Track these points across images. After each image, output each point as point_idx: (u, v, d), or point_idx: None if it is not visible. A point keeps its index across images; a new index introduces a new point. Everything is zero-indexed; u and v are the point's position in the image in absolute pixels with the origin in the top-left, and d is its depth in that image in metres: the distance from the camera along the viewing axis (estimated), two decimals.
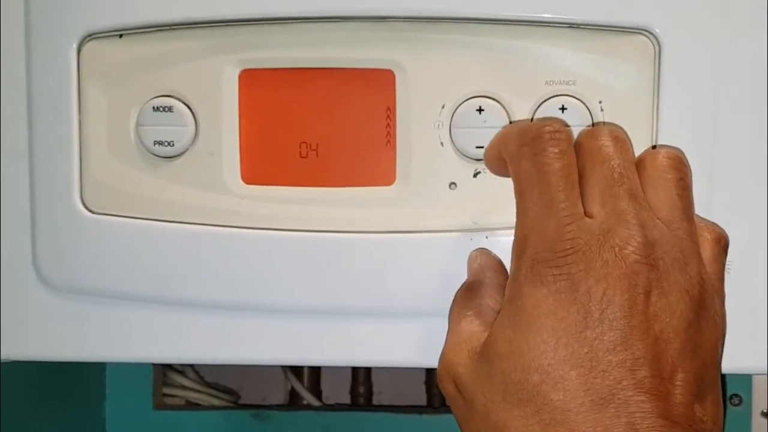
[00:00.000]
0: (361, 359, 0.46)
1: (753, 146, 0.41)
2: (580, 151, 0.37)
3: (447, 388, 0.37)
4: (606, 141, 0.37)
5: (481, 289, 0.39)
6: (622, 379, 0.33)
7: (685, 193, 0.37)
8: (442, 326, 0.40)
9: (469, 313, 0.38)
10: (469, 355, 0.37)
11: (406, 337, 0.44)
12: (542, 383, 0.33)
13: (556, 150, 0.36)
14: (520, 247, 0.36)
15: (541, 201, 0.35)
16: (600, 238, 0.35)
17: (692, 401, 0.33)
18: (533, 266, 0.35)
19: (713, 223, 0.39)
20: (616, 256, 0.34)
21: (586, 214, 0.36)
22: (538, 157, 0.36)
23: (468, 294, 0.39)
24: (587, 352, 0.33)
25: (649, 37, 0.40)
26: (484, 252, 0.41)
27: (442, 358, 0.38)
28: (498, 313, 0.37)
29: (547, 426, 0.33)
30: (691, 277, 0.35)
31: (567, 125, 0.40)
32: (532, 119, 0.41)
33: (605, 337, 0.33)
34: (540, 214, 0.35)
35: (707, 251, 0.37)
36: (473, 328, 0.37)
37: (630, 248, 0.34)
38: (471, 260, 0.41)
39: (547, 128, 0.36)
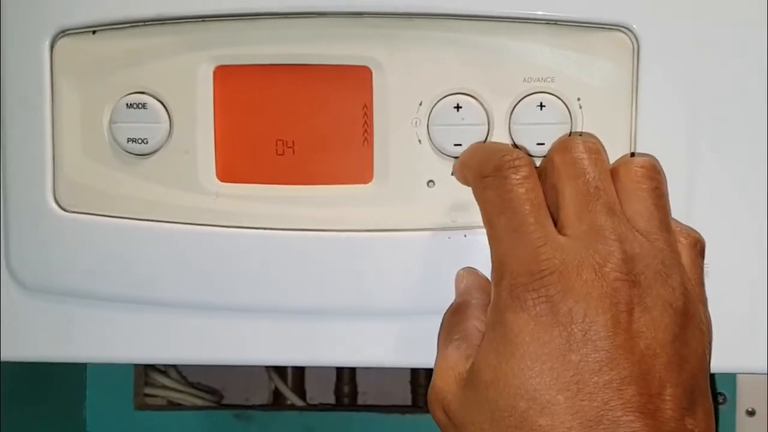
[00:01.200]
0: (343, 359, 0.46)
1: (732, 143, 0.41)
2: (553, 166, 0.37)
3: (437, 415, 0.37)
4: (580, 154, 0.36)
5: (468, 310, 0.39)
6: (609, 399, 0.32)
7: (661, 202, 0.37)
8: (422, 325, 0.40)
9: (456, 337, 0.38)
10: (456, 381, 0.36)
11: (387, 336, 0.43)
12: (529, 409, 0.33)
13: (518, 176, 0.36)
14: (498, 274, 0.36)
15: (510, 227, 0.35)
16: (577, 257, 0.34)
17: (683, 415, 0.33)
18: (512, 291, 0.34)
19: (687, 227, 0.38)
20: (596, 274, 0.34)
21: (563, 231, 0.35)
22: (501, 185, 0.36)
23: (455, 317, 0.39)
24: (573, 375, 0.33)
25: (627, 34, 0.40)
26: (470, 272, 0.40)
27: (432, 385, 0.38)
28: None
29: None
30: (674, 289, 0.35)
31: (528, 153, 0.39)
32: (510, 115, 0.41)
33: (590, 359, 0.33)
34: (512, 239, 0.35)
35: (685, 257, 0.37)
36: (460, 353, 0.37)
37: (610, 265, 0.34)
38: (458, 280, 0.41)
39: (506, 157, 0.36)
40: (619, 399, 0.32)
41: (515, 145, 0.41)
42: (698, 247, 0.37)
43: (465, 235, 0.41)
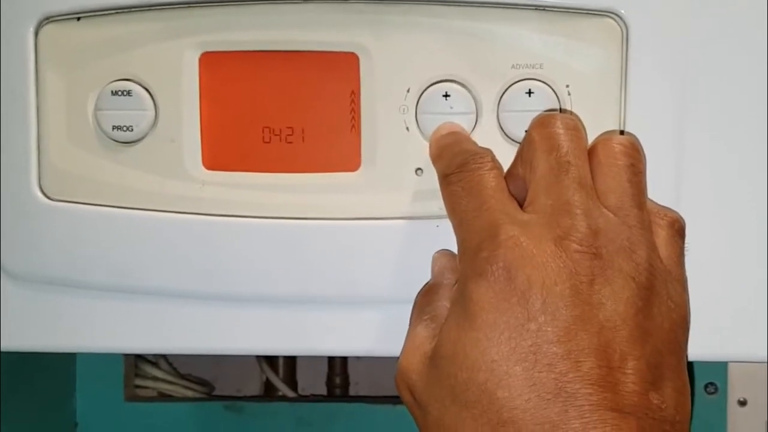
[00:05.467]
0: (333, 348, 0.45)
1: (721, 128, 0.41)
2: (530, 141, 0.37)
3: (404, 395, 0.37)
4: (557, 129, 0.36)
5: (439, 291, 0.38)
6: (567, 371, 0.32)
7: (635, 179, 0.36)
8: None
9: (426, 317, 0.38)
10: (421, 361, 0.36)
11: (377, 325, 0.43)
12: (487, 381, 0.33)
13: (482, 168, 0.36)
14: (461, 252, 0.36)
15: (472, 208, 0.36)
16: (539, 230, 0.34)
17: (647, 389, 0.33)
18: (472, 263, 0.34)
19: (667, 207, 0.38)
20: (556, 245, 0.34)
21: (529, 206, 0.36)
22: (465, 177, 0.36)
23: (426, 298, 0.39)
24: (531, 345, 0.32)
25: (615, 20, 0.40)
26: (444, 253, 0.40)
27: (398, 366, 0.37)
28: None
29: (496, 426, 0.32)
30: (638, 264, 0.34)
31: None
32: (499, 102, 0.41)
33: (548, 328, 0.32)
34: (473, 218, 0.35)
35: (660, 236, 0.36)
36: (428, 333, 0.37)
37: (572, 238, 0.34)
38: (433, 262, 0.41)
39: (470, 157, 0.37)
40: (577, 371, 0.32)
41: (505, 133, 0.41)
42: (676, 227, 0.37)
43: None
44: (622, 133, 0.40)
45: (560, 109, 0.40)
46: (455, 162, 0.37)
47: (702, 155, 0.41)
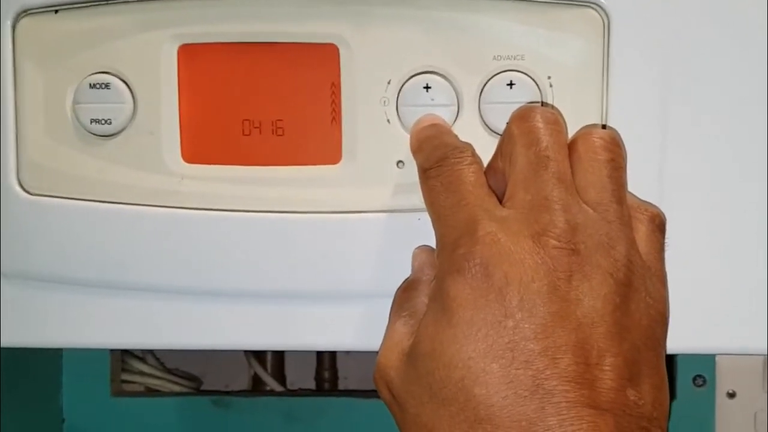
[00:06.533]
0: (317, 343, 0.45)
1: (704, 119, 0.40)
2: (510, 135, 0.37)
3: (382, 393, 0.37)
4: (536, 123, 0.36)
5: (419, 287, 0.38)
6: (545, 368, 0.32)
7: (615, 174, 0.36)
8: None
9: (404, 313, 0.37)
10: (399, 357, 0.36)
11: (361, 319, 0.43)
12: (464, 378, 0.32)
13: (462, 163, 0.36)
14: (439, 248, 0.36)
15: (450, 203, 0.35)
16: (517, 226, 0.34)
17: (624, 386, 0.32)
18: (450, 258, 0.34)
19: (648, 202, 0.38)
20: (533, 242, 0.33)
21: (508, 201, 0.35)
22: (444, 172, 0.36)
23: (405, 294, 0.38)
24: (508, 342, 0.32)
25: (597, 10, 0.40)
26: (424, 249, 0.40)
27: (377, 362, 0.37)
28: None
29: (473, 423, 0.32)
30: (617, 260, 0.34)
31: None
32: (480, 94, 0.40)
33: (525, 325, 0.32)
34: (452, 214, 0.35)
35: (640, 231, 0.36)
36: (406, 329, 0.37)
37: (550, 234, 0.33)
38: (413, 258, 0.40)
39: (450, 151, 0.37)
40: (554, 368, 0.32)
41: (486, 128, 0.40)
42: (656, 222, 0.37)
43: None
44: (603, 127, 0.40)
45: (542, 102, 0.40)
46: (435, 156, 0.37)
47: (685, 146, 0.40)
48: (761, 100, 0.40)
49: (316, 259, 0.42)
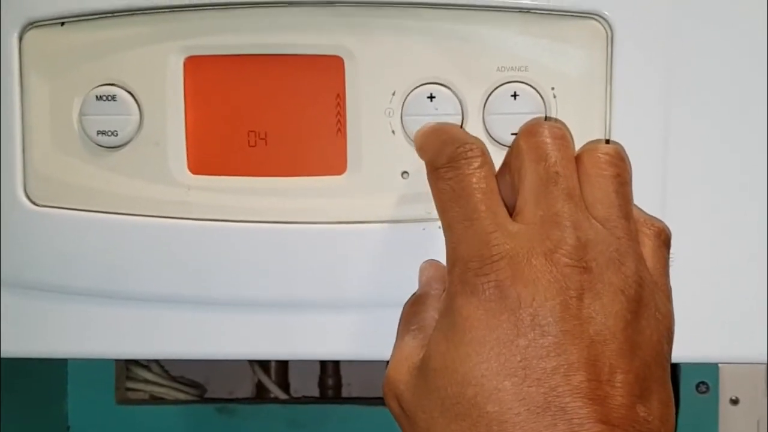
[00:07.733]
0: (321, 352, 0.45)
1: (707, 132, 0.41)
2: (518, 150, 0.37)
3: (391, 406, 0.37)
4: (545, 138, 0.36)
5: (427, 301, 0.38)
6: (557, 385, 0.32)
7: (622, 190, 0.36)
8: (397, 318, 0.39)
9: (413, 327, 0.38)
10: (409, 371, 0.36)
11: (365, 329, 0.43)
12: (477, 395, 0.33)
13: (472, 167, 0.36)
14: (450, 262, 0.36)
15: (462, 215, 0.35)
16: (529, 243, 0.34)
17: (634, 402, 0.33)
18: (462, 277, 0.34)
19: (653, 217, 0.38)
20: (545, 259, 0.34)
21: (519, 216, 0.35)
22: (455, 176, 0.36)
23: (413, 308, 0.39)
24: (520, 361, 0.32)
25: (600, 22, 0.40)
26: (432, 263, 0.40)
27: (386, 375, 0.37)
28: None
29: None
30: (627, 277, 0.34)
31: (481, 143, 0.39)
32: (484, 105, 0.40)
33: (538, 344, 0.33)
34: (463, 227, 0.35)
35: (647, 246, 0.36)
36: (416, 343, 0.37)
37: (561, 251, 0.34)
38: (420, 272, 0.40)
39: (460, 149, 0.36)
40: (567, 385, 0.32)
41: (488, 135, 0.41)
42: (662, 237, 0.37)
43: (439, 227, 0.40)
44: (607, 142, 0.40)
45: (546, 117, 0.40)
46: (445, 153, 0.37)
47: (688, 156, 0.41)
48: (765, 111, 0.40)
49: (320, 269, 0.42)
